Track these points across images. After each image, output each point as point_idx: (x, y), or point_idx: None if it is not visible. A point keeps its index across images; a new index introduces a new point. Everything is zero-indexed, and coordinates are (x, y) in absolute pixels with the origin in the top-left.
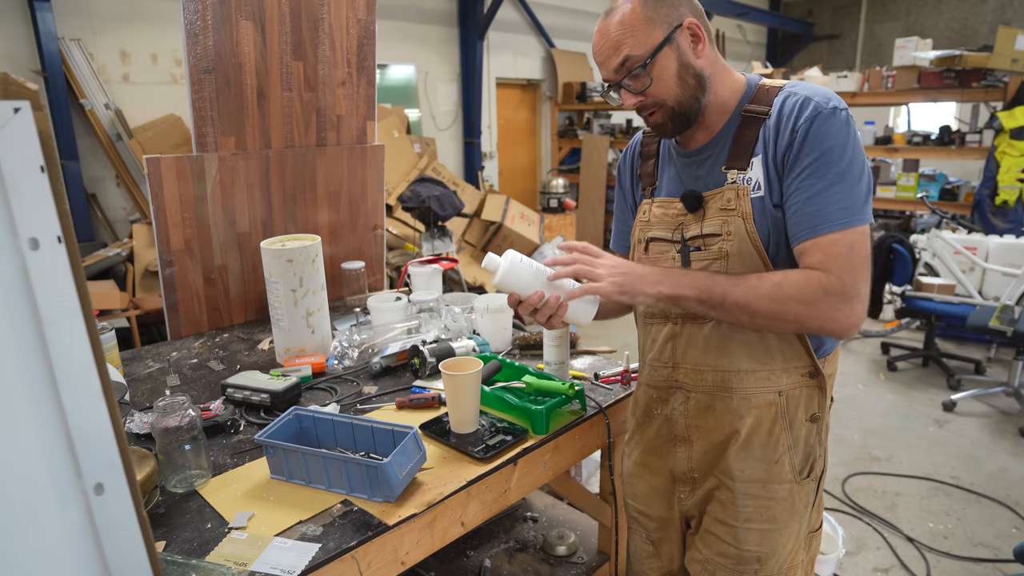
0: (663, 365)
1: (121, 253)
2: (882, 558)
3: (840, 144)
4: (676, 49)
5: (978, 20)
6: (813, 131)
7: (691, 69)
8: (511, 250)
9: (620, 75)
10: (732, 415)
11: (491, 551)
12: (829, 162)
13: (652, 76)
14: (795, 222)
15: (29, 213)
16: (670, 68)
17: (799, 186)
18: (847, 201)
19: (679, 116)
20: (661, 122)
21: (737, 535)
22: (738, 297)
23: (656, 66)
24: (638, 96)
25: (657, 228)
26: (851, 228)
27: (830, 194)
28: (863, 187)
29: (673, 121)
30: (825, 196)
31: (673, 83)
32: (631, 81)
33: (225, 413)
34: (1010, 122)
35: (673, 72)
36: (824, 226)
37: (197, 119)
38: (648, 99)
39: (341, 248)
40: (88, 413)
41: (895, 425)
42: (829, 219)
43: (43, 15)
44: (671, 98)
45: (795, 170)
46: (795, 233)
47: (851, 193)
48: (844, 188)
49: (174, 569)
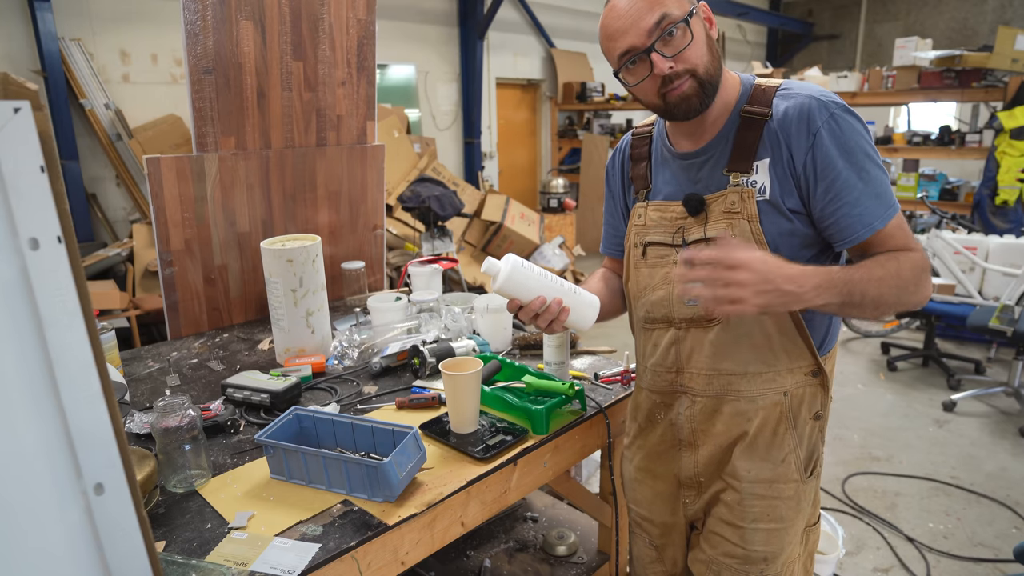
0: (666, 370)
1: (121, 253)
2: (882, 558)
3: (862, 138)
4: (700, 22)
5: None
6: (836, 134)
7: (713, 44)
8: (511, 254)
9: (653, 37)
10: (740, 418)
11: (491, 551)
12: (861, 161)
13: (693, 33)
14: (846, 224)
15: (29, 213)
16: (701, 34)
17: (841, 189)
18: (884, 187)
19: (707, 87)
20: (688, 93)
21: (744, 536)
22: (873, 295)
23: (690, 29)
24: (670, 60)
25: (655, 232)
26: (897, 209)
27: (872, 189)
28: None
29: (699, 93)
30: (869, 193)
31: (704, 49)
32: (663, 45)
33: (225, 413)
34: (1010, 122)
35: (703, 39)
36: (881, 219)
37: (197, 119)
38: (679, 65)
39: (341, 248)
40: (88, 413)
41: (895, 425)
42: (882, 212)
43: (43, 15)
44: (702, 64)
45: (829, 175)
46: (849, 235)
47: (884, 180)
48: (878, 177)
49: (174, 569)
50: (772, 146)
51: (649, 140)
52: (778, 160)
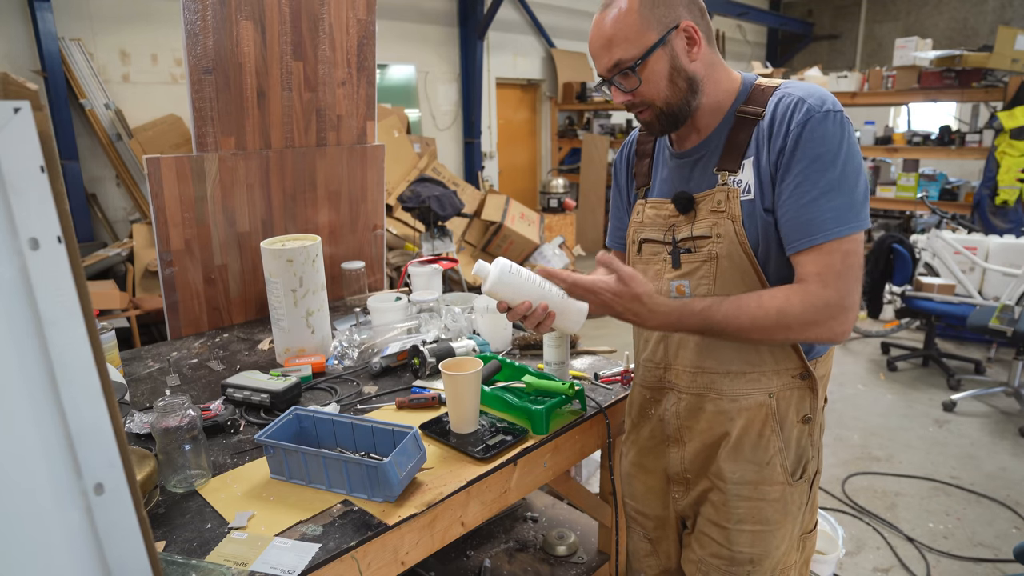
0: (656, 366)
1: (121, 253)
2: (882, 558)
3: (834, 149)
4: (669, 52)
5: (978, 20)
6: (806, 136)
7: (683, 72)
8: (501, 258)
9: (611, 74)
10: (722, 417)
11: (491, 551)
12: (823, 168)
13: (641, 78)
14: (789, 230)
15: (29, 213)
16: (661, 70)
17: (792, 193)
18: (841, 208)
19: (667, 117)
20: (649, 120)
21: (729, 536)
22: (743, 327)
23: (647, 68)
24: (627, 95)
25: (650, 229)
26: (845, 237)
27: (824, 202)
28: (859, 192)
29: (660, 121)
30: (819, 204)
31: (663, 85)
32: (621, 80)
33: (225, 413)
34: (1010, 122)
35: (664, 74)
36: (819, 236)
37: (197, 119)
38: (636, 98)
39: (341, 248)
40: (88, 413)
41: (895, 425)
42: (823, 228)
43: (43, 15)
44: (660, 99)
45: (788, 176)
46: (789, 241)
47: (846, 200)
48: (838, 195)
49: (174, 569)
50: (757, 145)
51: (655, 137)
52: (761, 158)
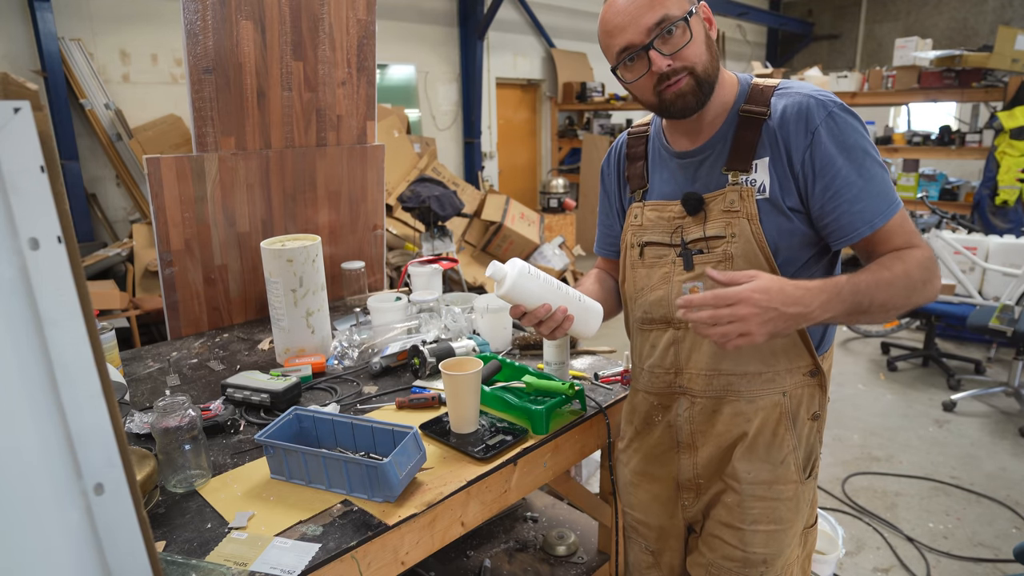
0: (665, 371)
1: (121, 253)
2: (882, 558)
3: (861, 136)
4: (700, 21)
5: (978, 20)
6: (833, 130)
7: (712, 45)
8: (517, 259)
9: (652, 35)
10: (739, 418)
11: (491, 551)
12: (860, 158)
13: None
14: (847, 222)
15: (29, 213)
16: (700, 33)
17: (840, 187)
18: (885, 185)
19: (704, 85)
20: (684, 91)
21: (744, 538)
22: (882, 299)
23: (691, 27)
24: (667, 58)
25: (652, 232)
26: (899, 206)
27: (872, 186)
28: (884, 168)
29: (696, 91)
30: (870, 190)
31: (703, 48)
32: (661, 43)
33: (225, 413)
34: (1010, 122)
35: (702, 39)
36: (882, 216)
37: (197, 119)
38: (678, 62)
39: (341, 248)
40: (88, 413)
41: (895, 425)
42: (889, 201)
43: (43, 15)
44: (700, 63)
45: (829, 171)
46: (850, 232)
47: (886, 176)
48: (879, 175)
49: (174, 569)
50: (771, 145)
51: (645, 139)
52: (777, 159)
